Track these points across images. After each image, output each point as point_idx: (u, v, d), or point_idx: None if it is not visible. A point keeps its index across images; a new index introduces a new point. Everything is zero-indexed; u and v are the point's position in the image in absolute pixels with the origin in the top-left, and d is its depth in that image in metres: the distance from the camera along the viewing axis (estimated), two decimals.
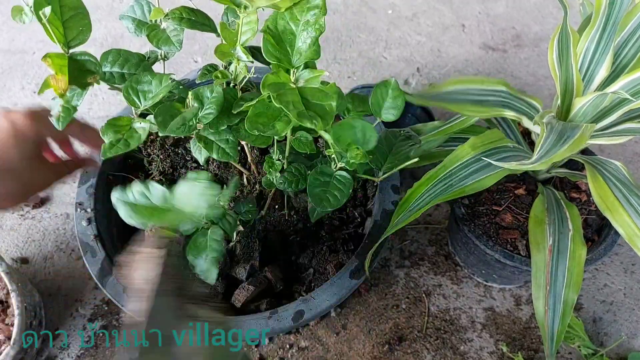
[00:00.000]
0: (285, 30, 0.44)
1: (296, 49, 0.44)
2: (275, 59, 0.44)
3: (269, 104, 0.45)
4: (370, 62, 1.17)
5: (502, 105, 0.69)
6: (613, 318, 0.81)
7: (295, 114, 0.40)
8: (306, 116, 0.40)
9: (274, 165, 0.56)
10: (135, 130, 0.47)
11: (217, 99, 0.47)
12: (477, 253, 0.73)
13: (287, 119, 0.45)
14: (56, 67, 0.44)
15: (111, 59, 0.50)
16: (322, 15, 0.43)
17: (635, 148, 1.02)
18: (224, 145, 0.50)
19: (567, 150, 0.54)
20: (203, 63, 1.17)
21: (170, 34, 0.54)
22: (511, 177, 0.75)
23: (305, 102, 0.42)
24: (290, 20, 0.44)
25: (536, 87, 1.13)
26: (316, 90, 0.43)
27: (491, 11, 1.29)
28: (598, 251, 0.67)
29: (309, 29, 0.43)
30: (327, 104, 0.42)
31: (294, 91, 0.43)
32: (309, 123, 0.40)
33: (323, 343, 0.77)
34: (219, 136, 0.50)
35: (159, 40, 0.53)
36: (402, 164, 0.55)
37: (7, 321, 0.69)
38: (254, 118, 0.44)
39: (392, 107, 0.56)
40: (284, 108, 0.40)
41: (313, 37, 0.44)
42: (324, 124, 0.40)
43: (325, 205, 0.51)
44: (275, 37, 0.44)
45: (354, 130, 0.49)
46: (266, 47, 0.44)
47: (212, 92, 0.48)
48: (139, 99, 0.47)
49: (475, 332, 0.79)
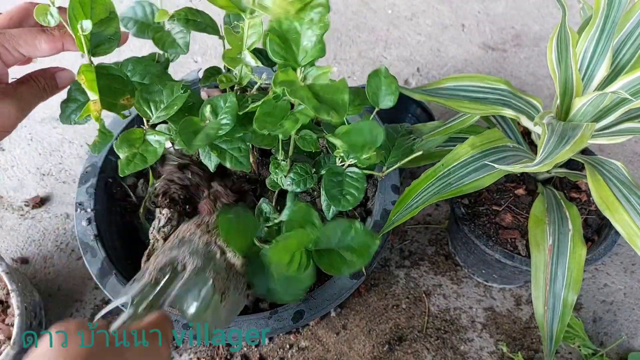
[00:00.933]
0: (290, 30, 0.44)
1: (302, 47, 0.44)
2: (281, 58, 0.44)
3: (276, 103, 0.45)
4: (370, 62, 1.17)
5: (501, 104, 0.69)
6: (613, 318, 0.81)
7: (311, 106, 0.40)
8: (322, 109, 0.40)
9: (280, 167, 0.56)
10: (150, 143, 0.45)
11: (232, 109, 0.46)
12: (477, 253, 0.73)
13: (294, 118, 0.45)
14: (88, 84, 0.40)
15: (131, 68, 0.47)
16: (326, 13, 0.43)
17: (635, 148, 1.02)
18: (237, 153, 0.49)
19: (569, 151, 0.54)
20: (203, 63, 1.17)
21: (175, 36, 0.52)
22: (511, 177, 0.75)
23: (317, 98, 0.42)
24: (294, 20, 0.44)
25: (536, 86, 1.13)
26: (326, 86, 0.43)
27: (491, 11, 1.29)
28: (598, 251, 0.67)
29: (314, 27, 0.43)
30: (339, 98, 0.42)
31: (304, 88, 0.43)
32: (326, 115, 0.40)
33: (323, 343, 0.77)
34: (231, 144, 0.49)
35: (165, 43, 0.51)
36: (405, 158, 0.55)
37: (7, 321, 0.69)
38: (261, 117, 0.44)
39: (388, 94, 0.56)
40: (299, 101, 0.40)
41: (318, 35, 0.43)
42: (340, 116, 0.40)
43: (344, 204, 0.52)
44: (281, 37, 0.44)
45: (363, 133, 0.51)
46: (272, 47, 0.44)
47: (226, 102, 0.47)
48: (150, 110, 0.45)
49: (475, 332, 0.79)
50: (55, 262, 0.85)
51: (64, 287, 0.82)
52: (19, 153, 1.00)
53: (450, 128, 0.72)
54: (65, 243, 0.87)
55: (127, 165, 0.44)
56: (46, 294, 0.82)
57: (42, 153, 1.00)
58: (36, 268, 0.85)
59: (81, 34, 0.39)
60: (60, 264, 0.85)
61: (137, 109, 0.46)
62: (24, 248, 0.87)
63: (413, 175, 0.96)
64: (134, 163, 0.44)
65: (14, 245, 0.87)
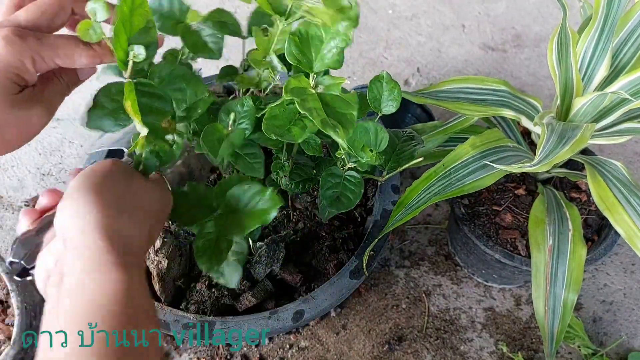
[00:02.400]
0: (315, 36, 0.44)
1: (320, 55, 0.44)
2: (295, 61, 0.44)
3: (286, 106, 0.45)
4: (370, 62, 1.17)
5: (501, 105, 0.69)
6: (613, 318, 0.81)
7: (319, 122, 0.40)
8: (329, 124, 0.40)
9: (283, 168, 0.56)
10: (168, 143, 0.41)
11: (250, 113, 0.45)
12: (477, 253, 0.73)
13: (302, 124, 0.45)
14: (133, 109, 0.36)
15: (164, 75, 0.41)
16: (353, 28, 0.43)
17: (635, 148, 1.02)
18: (251, 159, 0.47)
19: (568, 151, 0.54)
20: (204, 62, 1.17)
21: (206, 39, 0.48)
22: (511, 177, 0.75)
23: (326, 109, 0.41)
24: (322, 28, 0.44)
25: (536, 87, 1.13)
26: (337, 98, 0.43)
27: (491, 11, 1.29)
28: (598, 251, 0.67)
29: (337, 38, 0.44)
30: (348, 113, 0.42)
31: (315, 97, 0.43)
32: (332, 132, 0.40)
33: (323, 343, 0.77)
34: (246, 149, 0.48)
35: (198, 46, 0.47)
36: (406, 164, 0.55)
37: (7, 321, 0.69)
38: (269, 121, 0.44)
39: (390, 99, 0.56)
40: (308, 115, 0.40)
41: (339, 47, 0.43)
42: (346, 133, 0.40)
43: (339, 206, 0.52)
44: (303, 41, 0.44)
45: (368, 133, 0.51)
46: (289, 48, 0.44)
47: (243, 106, 0.46)
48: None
49: (475, 332, 0.79)
50: None
51: None
52: (19, 153, 1.00)
53: (450, 128, 0.72)
54: None
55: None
56: None
57: (42, 153, 1.00)
58: None
59: (131, 60, 0.37)
60: None
61: None
62: None
63: (413, 175, 0.96)
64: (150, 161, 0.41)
65: None
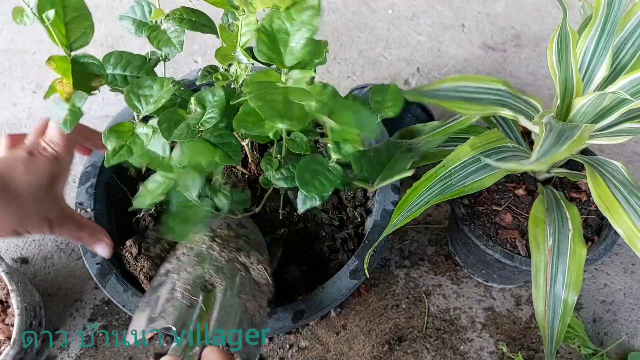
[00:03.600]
0: (281, 30, 0.44)
1: (289, 48, 0.44)
2: (267, 58, 0.44)
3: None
4: (370, 62, 1.17)
5: (500, 104, 0.69)
6: (613, 318, 0.81)
7: (268, 115, 0.39)
8: (277, 116, 0.39)
9: (272, 163, 0.56)
10: (138, 137, 0.47)
11: (220, 103, 0.47)
12: (477, 253, 0.73)
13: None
14: (60, 71, 0.44)
15: (113, 61, 0.50)
16: (317, 16, 0.43)
17: (635, 148, 1.02)
18: (227, 148, 0.50)
19: (566, 151, 0.54)
20: (203, 63, 1.17)
21: (170, 35, 0.53)
22: (511, 177, 0.75)
23: (287, 102, 0.41)
24: (286, 20, 0.43)
25: (536, 87, 1.13)
26: (300, 91, 0.43)
27: (491, 11, 1.29)
28: (598, 251, 0.67)
29: (303, 29, 0.43)
30: (305, 104, 0.41)
31: (280, 90, 0.42)
32: (280, 123, 0.39)
33: (323, 343, 0.77)
34: (222, 139, 0.50)
35: (160, 41, 0.53)
36: (397, 176, 0.56)
37: (7, 321, 0.69)
38: (242, 116, 0.44)
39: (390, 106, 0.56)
40: (257, 109, 0.40)
41: (306, 38, 0.43)
42: (299, 125, 0.40)
43: (310, 189, 0.51)
44: (270, 36, 0.44)
45: (357, 115, 0.48)
46: (259, 46, 0.43)
47: (214, 96, 0.47)
48: (140, 104, 0.46)
49: (475, 332, 0.79)
50: (55, 262, 0.85)
51: (64, 287, 0.82)
52: None
53: (450, 128, 0.72)
54: (65, 243, 0.87)
55: (113, 155, 0.45)
56: (46, 293, 0.82)
57: None
58: (36, 268, 0.85)
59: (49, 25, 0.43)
60: (60, 264, 0.85)
61: (128, 103, 0.46)
62: (24, 248, 0.87)
63: (413, 175, 0.96)
64: (119, 154, 0.46)
65: (14, 245, 0.87)
